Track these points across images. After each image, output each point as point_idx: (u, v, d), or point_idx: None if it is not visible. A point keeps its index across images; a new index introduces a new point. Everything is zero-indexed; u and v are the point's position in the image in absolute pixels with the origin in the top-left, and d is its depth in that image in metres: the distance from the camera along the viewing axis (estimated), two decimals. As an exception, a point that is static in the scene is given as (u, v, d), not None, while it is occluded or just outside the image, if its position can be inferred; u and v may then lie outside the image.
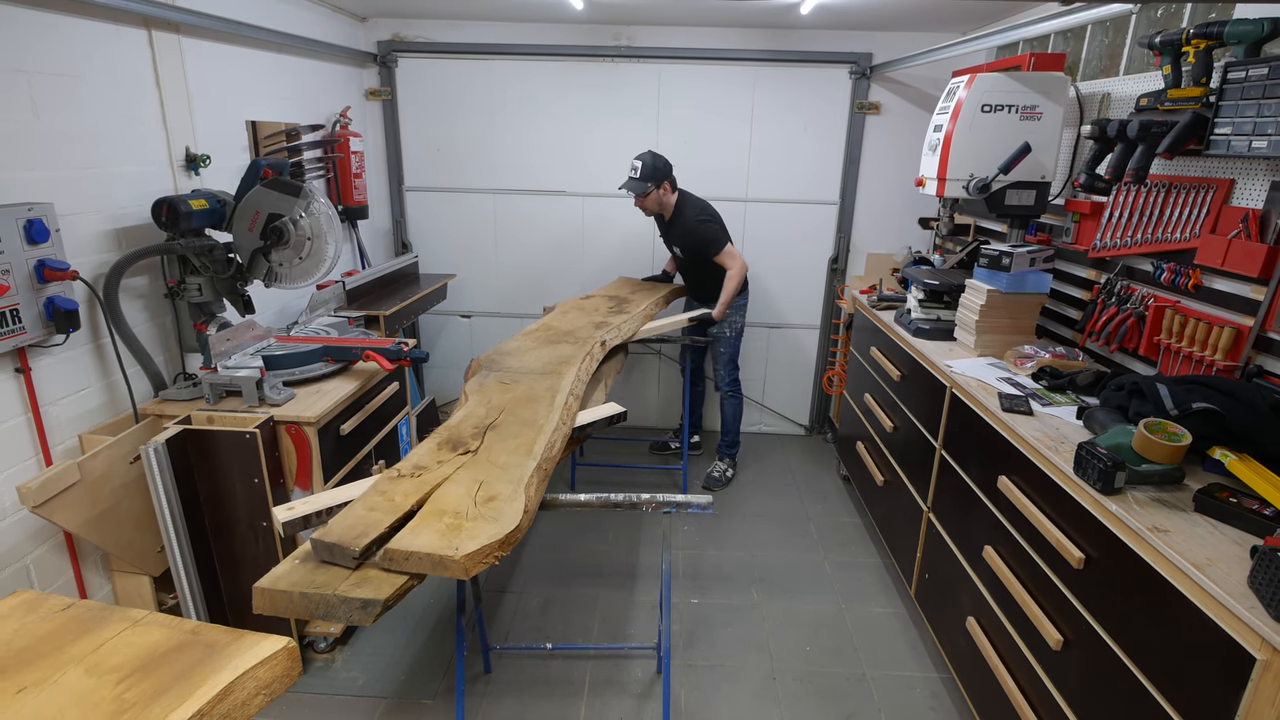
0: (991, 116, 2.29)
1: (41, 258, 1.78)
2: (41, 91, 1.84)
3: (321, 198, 2.29)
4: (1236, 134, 1.67)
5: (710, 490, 3.45)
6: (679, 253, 3.32)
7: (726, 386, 3.48)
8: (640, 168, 3.06)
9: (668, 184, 3.15)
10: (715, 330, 3.34)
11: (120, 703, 0.96)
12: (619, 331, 2.72)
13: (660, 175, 3.10)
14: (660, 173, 3.10)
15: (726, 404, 3.52)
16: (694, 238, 3.19)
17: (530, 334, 2.61)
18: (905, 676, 2.30)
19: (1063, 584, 1.56)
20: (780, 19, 3.31)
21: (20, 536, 1.85)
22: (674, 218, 3.23)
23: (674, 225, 3.25)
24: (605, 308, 3.02)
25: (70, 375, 1.96)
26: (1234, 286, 1.81)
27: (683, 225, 3.21)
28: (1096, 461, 1.44)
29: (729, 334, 3.40)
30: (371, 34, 3.63)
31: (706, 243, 3.18)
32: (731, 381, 3.47)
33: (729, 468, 3.59)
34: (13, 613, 1.15)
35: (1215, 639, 1.14)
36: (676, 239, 3.29)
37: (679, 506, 1.77)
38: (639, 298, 3.23)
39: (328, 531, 1.36)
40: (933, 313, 2.57)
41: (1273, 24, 1.64)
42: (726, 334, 3.39)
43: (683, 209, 3.20)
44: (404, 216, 3.92)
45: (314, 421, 2.04)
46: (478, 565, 1.32)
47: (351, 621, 1.27)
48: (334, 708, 2.12)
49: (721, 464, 3.59)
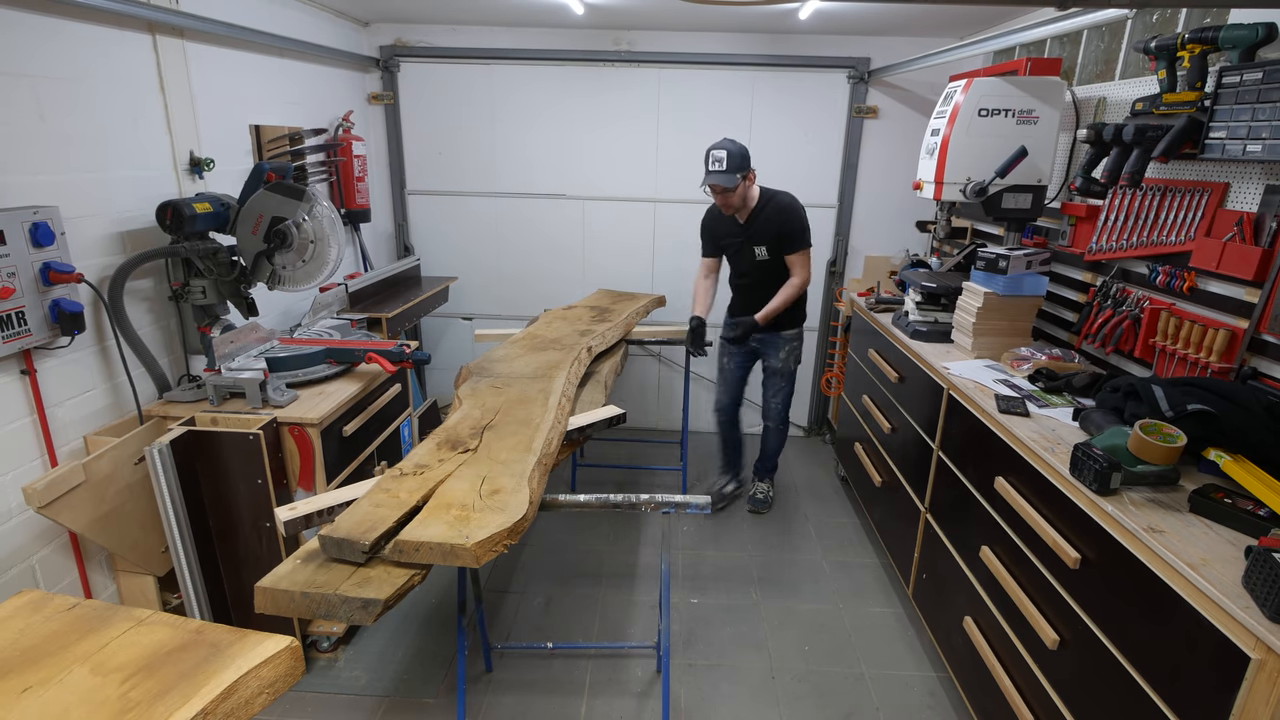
0: (988, 121, 2.30)
1: (47, 260, 1.80)
2: (47, 95, 1.85)
3: (324, 201, 2.30)
4: (1231, 138, 1.68)
5: (759, 512, 3.30)
6: (762, 252, 2.89)
7: (778, 420, 3.20)
8: (726, 158, 2.65)
9: (753, 172, 2.79)
10: (777, 363, 3.06)
11: (125, 701, 0.97)
12: (604, 339, 2.76)
13: (747, 163, 2.73)
14: (747, 160, 2.73)
15: (773, 437, 3.27)
16: (790, 224, 2.82)
17: (517, 342, 2.64)
18: (903, 676, 2.31)
19: (1059, 584, 1.58)
20: (779, 24, 3.32)
21: (26, 537, 1.86)
22: (757, 210, 2.86)
23: (758, 217, 2.86)
24: (588, 317, 3.05)
25: (75, 377, 1.98)
26: (1229, 289, 1.82)
27: (775, 210, 2.83)
28: (1092, 462, 1.45)
29: (791, 366, 3.09)
30: (374, 39, 3.65)
31: (800, 232, 2.83)
32: (783, 414, 3.19)
33: (770, 488, 3.39)
34: (18, 612, 1.16)
35: (1210, 638, 1.15)
36: (762, 230, 2.86)
37: (677, 507, 1.78)
38: (620, 307, 3.25)
39: (335, 528, 1.37)
40: (930, 315, 2.58)
41: (1267, 29, 1.66)
42: (790, 367, 3.09)
43: (771, 195, 2.85)
44: (406, 220, 3.94)
45: (317, 423, 2.05)
46: (488, 553, 1.34)
47: (352, 621, 1.28)
48: (336, 706, 2.13)
49: (763, 484, 3.38)
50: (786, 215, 2.83)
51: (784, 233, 2.85)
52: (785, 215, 2.83)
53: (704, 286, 3.10)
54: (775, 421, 3.21)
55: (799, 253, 2.87)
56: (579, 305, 3.30)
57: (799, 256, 2.88)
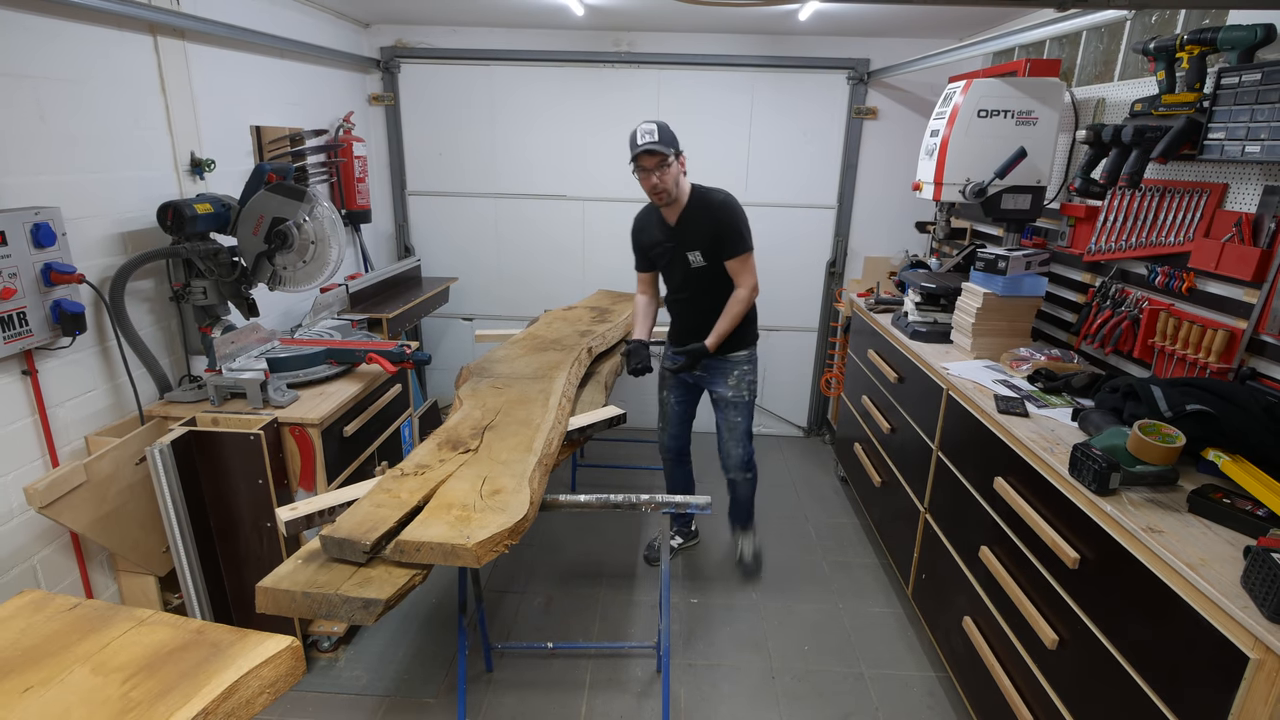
0: (988, 122, 2.31)
1: (48, 261, 1.80)
2: (48, 97, 1.86)
3: (325, 202, 2.31)
4: (1230, 139, 1.69)
5: (753, 578, 2.79)
6: (697, 258, 2.44)
7: (740, 466, 2.64)
8: (657, 130, 2.27)
9: (684, 158, 2.39)
10: (728, 393, 2.55)
11: (126, 701, 0.97)
12: (604, 339, 2.77)
13: (678, 144, 2.34)
14: (676, 140, 2.34)
15: (740, 488, 2.72)
16: (727, 222, 2.36)
17: (518, 343, 2.64)
18: (902, 675, 2.31)
19: (1058, 584, 1.58)
20: (779, 25, 3.33)
21: (27, 537, 1.87)
22: (688, 209, 2.41)
23: (689, 217, 2.41)
24: (588, 318, 3.05)
25: (76, 377, 1.98)
26: (1227, 290, 1.83)
27: (708, 208, 2.39)
28: (1091, 463, 1.46)
29: (746, 396, 2.57)
30: (374, 40, 3.65)
31: (739, 233, 2.37)
32: (748, 460, 2.65)
33: (754, 541, 2.87)
34: (20, 612, 1.16)
35: (1209, 638, 1.15)
36: (694, 232, 2.41)
37: (678, 507, 1.79)
38: (620, 308, 3.26)
39: (337, 528, 1.38)
40: (929, 316, 2.58)
41: (1265, 30, 1.66)
42: (744, 397, 2.56)
43: (704, 193, 2.41)
44: (406, 220, 3.95)
45: (317, 423, 2.06)
46: (489, 553, 1.35)
47: (354, 621, 1.29)
48: (337, 706, 2.13)
49: (746, 539, 2.85)
50: (722, 213, 2.37)
51: (720, 234, 2.38)
52: (720, 213, 2.37)
53: (643, 305, 2.66)
54: (739, 471, 2.66)
55: (740, 257, 2.40)
56: (579, 306, 3.31)
57: (740, 262, 2.40)
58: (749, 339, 2.58)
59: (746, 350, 2.57)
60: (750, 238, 2.43)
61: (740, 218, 2.40)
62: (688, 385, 2.71)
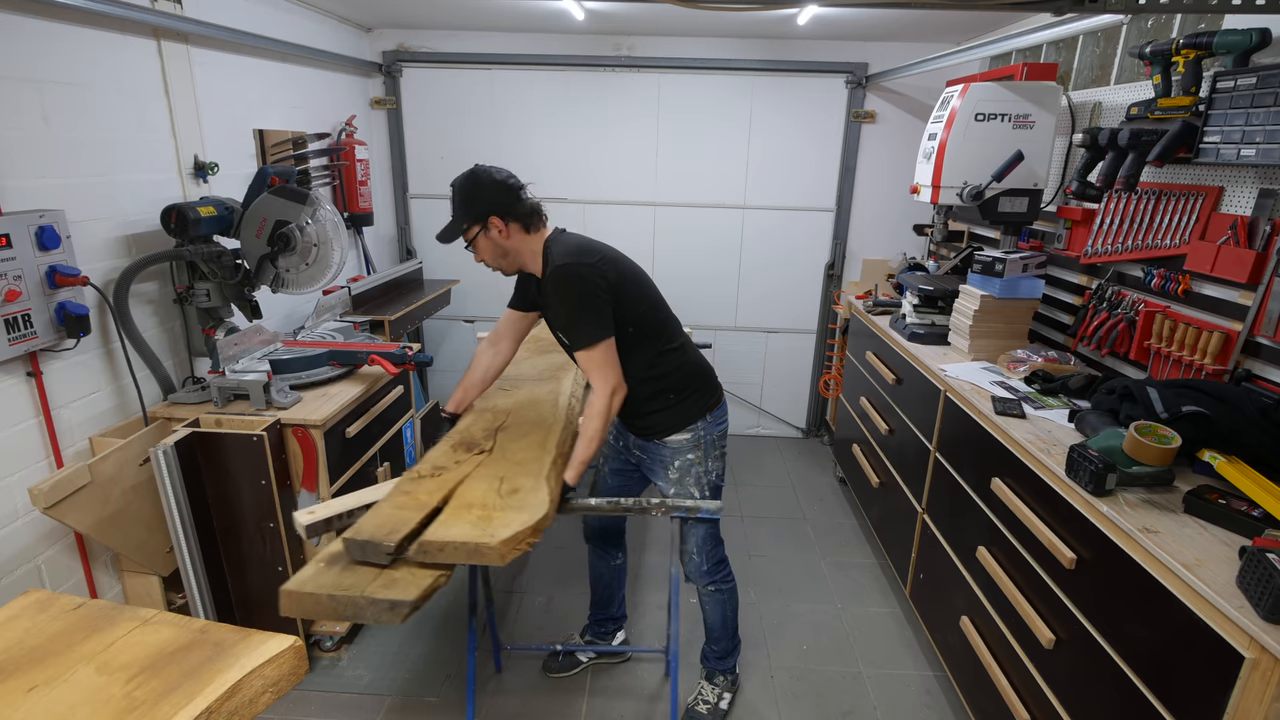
0: (985, 125, 2.32)
1: (53, 264, 1.81)
2: (52, 100, 1.87)
3: (327, 205, 2.32)
4: (1225, 142, 1.70)
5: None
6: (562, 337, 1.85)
7: (706, 577, 2.01)
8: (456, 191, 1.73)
9: (500, 219, 1.71)
10: (669, 488, 1.92)
11: (130, 700, 0.98)
12: None
13: (481, 205, 1.70)
14: (481, 201, 1.70)
15: (709, 602, 2.06)
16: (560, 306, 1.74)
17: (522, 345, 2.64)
18: (901, 675, 2.32)
19: (1055, 584, 1.59)
20: (778, 30, 3.35)
21: (32, 537, 1.88)
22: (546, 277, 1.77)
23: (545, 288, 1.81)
24: None
25: (81, 379, 1.99)
26: (1223, 292, 1.84)
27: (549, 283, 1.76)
28: (1088, 464, 1.47)
29: (696, 493, 1.90)
30: (377, 44, 3.67)
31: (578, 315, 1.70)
32: (715, 565, 2.00)
33: (725, 689, 2.13)
34: (24, 612, 1.17)
35: (1205, 638, 1.16)
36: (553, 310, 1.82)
37: (688, 511, 1.77)
38: None
39: (359, 530, 1.37)
40: (927, 318, 2.59)
41: (1260, 34, 1.67)
42: (692, 494, 1.90)
43: (550, 257, 1.75)
44: (408, 223, 3.96)
45: (320, 424, 2.07)
46: (513, 551, 1.35)
47: (380, 622, 1.28)
48: (340, 705, 2.14)
49: (710, 687, 2.13)
50: (556, 293, 1.74)
51: (560, 321, 1.80)
52: (555, 293, 1.74)
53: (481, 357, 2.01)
54: (703, 581, 2.02)
55: (583, 351, 1.70)
56: None
57: (585, 357, 1.71)
58: (690, 415, 1.87)
59: (687, 434, 1.87)
60: (602, 323, 1.69)
61: (576, 300, 1.69)
62: (630, 462, 2.04)
